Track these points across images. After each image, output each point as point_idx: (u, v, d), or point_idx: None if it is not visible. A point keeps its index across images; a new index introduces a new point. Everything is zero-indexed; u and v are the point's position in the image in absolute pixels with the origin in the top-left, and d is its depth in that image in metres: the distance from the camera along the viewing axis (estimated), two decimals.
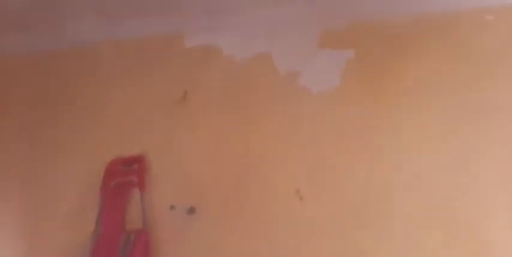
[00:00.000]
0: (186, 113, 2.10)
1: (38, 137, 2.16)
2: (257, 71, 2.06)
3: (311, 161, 1.95)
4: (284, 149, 1.99)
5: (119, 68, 2.18)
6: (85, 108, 2.14)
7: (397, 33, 1.94)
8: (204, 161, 2.04)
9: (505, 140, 1.76)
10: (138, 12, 2.09)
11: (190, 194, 2.02)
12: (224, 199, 1.98)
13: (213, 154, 2.05)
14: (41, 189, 2.11)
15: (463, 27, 1.89)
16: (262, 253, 1.86)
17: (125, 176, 2.07)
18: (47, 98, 2.21)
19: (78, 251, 1.95)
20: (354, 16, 1.97)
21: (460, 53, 1.88)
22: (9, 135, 2.20)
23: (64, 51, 2.22)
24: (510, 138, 1.77)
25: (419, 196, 1.78)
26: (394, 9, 1.94)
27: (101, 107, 2.14)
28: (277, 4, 2.00)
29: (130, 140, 2.13)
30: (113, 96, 2.15)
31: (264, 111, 2.03)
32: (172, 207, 2.02)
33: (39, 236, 2.06)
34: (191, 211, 2.00)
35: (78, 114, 2.14)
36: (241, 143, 2.03)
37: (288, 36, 2.04)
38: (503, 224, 1.70)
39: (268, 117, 2.02)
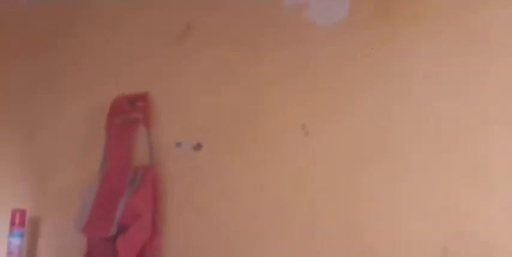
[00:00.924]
0: (190, 47, 2.05)
1: (38, 75, 2.15)
2: (263, 3, 1.96)
3: (318, 95, 1.88)
4: (291, 83, 1.92)
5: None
6: (86, 45, 2.10)
7: None
8: (209, 96, 2.00)
9: None
10: None
11: (196, 130, 2.00)
12: (230, 134, 1.95)
13: (218, 88, 2.00)
14: (46, 128, 2.13)
15: None
16: (267, 186, 1.85)
17: (130, 113, 2.07)
18: (47, 39, 2.17)
19: (86, 186, 1.99)
20: None
21: None
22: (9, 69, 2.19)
23: None
24: None
25: (428, 128, 1.72)
26: None
27: (102, 42, 2.10)
28: None
29: (133, 77, 2.11)
30: (114, 31, 2.10)
31: (271, 45, 1.94)
32: (178, 144, 2.01)
33: (46, 174, 2.10)
34: (197, 146, 1.99)
35: (80, 51, 2.11)
36: (246, 78, 1.97)
37: None
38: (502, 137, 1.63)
39: (275, 52, 1.94)
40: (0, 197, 2.26)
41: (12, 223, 2.05)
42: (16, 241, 2.03)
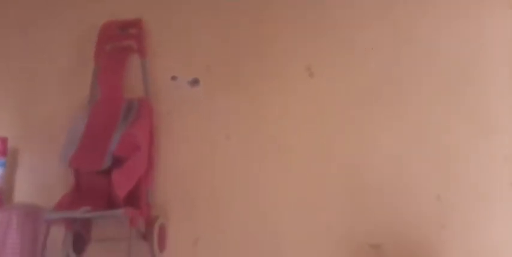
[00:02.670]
0: None
1: None
2: None
3: (322, 38, 1.85)
4: (295, 26, 1.86)
5: None
6: None
7: None
8: (210, 29, 1.89)
9: None
10: None
11: (195, 64, 1.90)
12: (230, 71, 1.88)
13: (220, 22, 1.89)
14: (27, 49, 1.92)
15: None
16: (268, 125, 1.82)
17: (122, 40, 1.91)
18: None
19: (74, 116, 1.85)
20: None
21: None
22: None
23: None
24: None
25: (433, 70, 1.74)
26: None
27: None
28: None
29: (126, 2, 1.94)
30: None
31: None
32: (174, 78, 1.91)
33: (34, 100, 1.93)
34: (194, 82, 1.91)
35: None
36: (251, 14, 1.88)
37: None
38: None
39: None
40: None
41: None
42: None
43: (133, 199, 1.74)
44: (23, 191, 1.95)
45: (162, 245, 1.76)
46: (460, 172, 1.67)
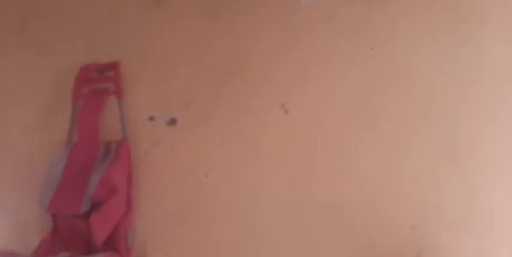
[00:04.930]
0: (165, 15, 1.95)
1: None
2: None
3: (297, 73, 1.90)
4: (270, 59, 1.90)
5: None
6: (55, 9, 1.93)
7: None
8: (186, 67, 1.93)
9: None
10: None
11: (172, 104, 1.93)
12: (207, 109, 1.91)
13: (195, 60, 1.93)
14: (8, 90, 1.94)
15: None
16: (246, 163, 1.85)
17: (99, 83, 1.94)
18: None
19: (52, 157, 1.86)
20: None
21: None
22: None
23: None
24: None
25: (405, 107, 1.79)
26: None
27: (71, 8, 1.93)
28: None
29: (104, 45, 1.97)
30: None
31: (253, 20, 1.91)
32: (151, 118, 1.94)
33: (10, 140, 1.93)
34: (172, 121, 1.93)
35: (47, 5, 1.92)
36: (226, 52, 1.93)
37: None
38: None
39: (257, 28, 1.91)
40: None
41: None
42: None
43: (113, 241, 1.74)
44: None
45: None
46: (434, 201, 1.71)
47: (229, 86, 1.91)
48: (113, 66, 1.94)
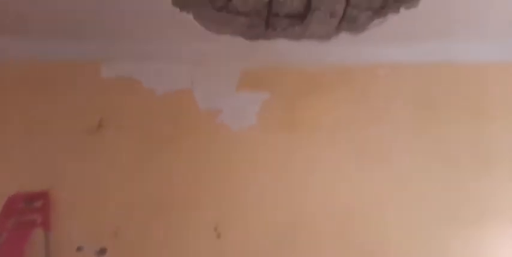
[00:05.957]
0: (102, 143, 2.00)
1: None
2: (178, 104, 2.05)
3: (229, 197, 1.97)
4: (202, 184, 1.99)
5: (23, 92, 2.02)
6: None
7: (308, 78, 2.11)
8: (117, 196, 1.95)
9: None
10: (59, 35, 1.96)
11: (101, 232, 1.90)
12: (138, 238, 1.90)
13: (127, 190, 1.97)
14: None
15: (360, 78, 2.12)
16: None
17: (26, 215, 1.89)
18: None
19: None
20: (272, 60, 2.09)
21: (357, 98, 2.09)
22: None
23: None
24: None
25: (343, 228, 1.89)
26: (307, 59, 2.10)
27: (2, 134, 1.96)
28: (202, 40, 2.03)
29: (34, 173, 1.96)
30: (15, 122, 1.97)
31: (184, 146, 2.02)
32: (79, 248, 1.88)
33: None
34: (101, 252, 1.88)
35: None
36: (157, 178, 1.99)
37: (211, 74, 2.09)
38: None
39: (188, 153, 2.01)
40: None
41: None
42: None
43: None
44: None
45: None
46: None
47: (160, 213, 1.93)
48: (43, 195, 1.92)
